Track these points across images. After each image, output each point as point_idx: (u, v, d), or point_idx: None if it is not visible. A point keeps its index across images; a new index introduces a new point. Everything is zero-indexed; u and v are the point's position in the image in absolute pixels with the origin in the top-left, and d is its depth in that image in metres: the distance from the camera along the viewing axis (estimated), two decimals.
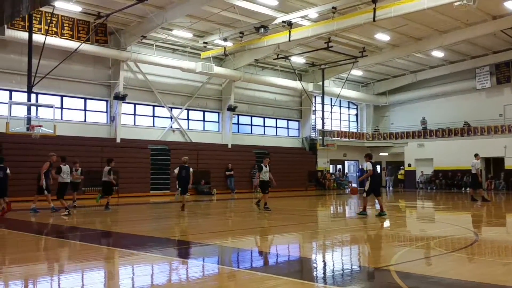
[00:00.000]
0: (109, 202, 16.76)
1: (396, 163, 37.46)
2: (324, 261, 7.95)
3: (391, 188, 35.50)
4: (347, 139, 37.63)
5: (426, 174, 35.52)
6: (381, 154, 39.64)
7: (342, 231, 11.83)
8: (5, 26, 20.07)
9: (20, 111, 20.13)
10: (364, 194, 14.38)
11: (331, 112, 36.53)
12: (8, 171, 15.19)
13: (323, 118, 34.23)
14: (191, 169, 16.27)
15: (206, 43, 26.90)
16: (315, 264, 7.66)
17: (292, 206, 20.17)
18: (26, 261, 7.68)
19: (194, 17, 23.38)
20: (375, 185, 14.15)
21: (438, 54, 31.01)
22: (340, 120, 39.63)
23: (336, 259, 8.14)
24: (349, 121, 40.62)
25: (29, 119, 19.69)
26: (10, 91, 22.70)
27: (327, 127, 35.42)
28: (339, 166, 39.27)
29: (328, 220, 15.41)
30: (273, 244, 9.69)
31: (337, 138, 35.72)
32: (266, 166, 16.93)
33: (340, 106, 39.40)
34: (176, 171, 16.33)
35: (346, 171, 39.69)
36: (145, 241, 10.08)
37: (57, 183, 15.81)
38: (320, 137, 33.86)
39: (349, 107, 40.72)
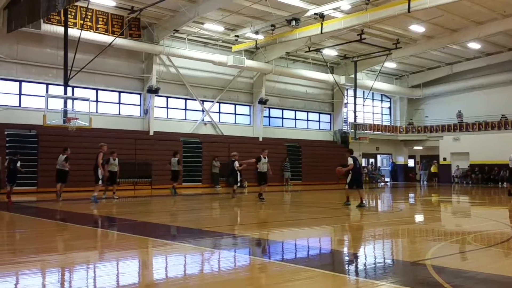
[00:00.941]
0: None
1: (431, 157, 36.75)
2: (356, 254, 7.88)
3: (425, 183, 34.87)
4: (380, 132, 37.14)
5: (462, 168, 34.73)
6: (415, 147, 39.00)
7: (375, 225, 11.70)
8: (41, 20, 20.58)
9: (56, 104, 20.62)
10: (346, 187, 15.18)
11: (363, 105, 36.08)
12: (18, 164, 16.17)
13: (355, 111, 33.85)
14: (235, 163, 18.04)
15: (237, 36, 26.93)
16: (347, 257, 7.59)
17: (323, 199, 20.06)
18: (64, 250, 7.89)
19: (226, 11, 23.42)
20: (356, 178, 15.08)
21: (474, 46, 30.17)
22: (373, 113, 39.11)
23: (368, 253, 8.05)
24: (382, 114, 40.05)
25: (65, 112, 20.17)
26: (47, 84, 23.28)
27: (359, 120, 35.01)
28: (371, 160, 38.81)
29: (360, 214, 15.26)
30: (305, 237, 9.66)
31: (369, 132, 35.27)
32: (265, 158, 17.35)
33: (372, 99, 38.87)
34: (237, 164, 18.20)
35: (378, 164, 39.21)
36: (178, 231, 10.21)
37: (106, 172, 16.88)
38: (352, 130, 33.51)
39: (382, 100, 40.13)
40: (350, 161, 14.91)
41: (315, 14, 23.09)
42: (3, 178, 17.24)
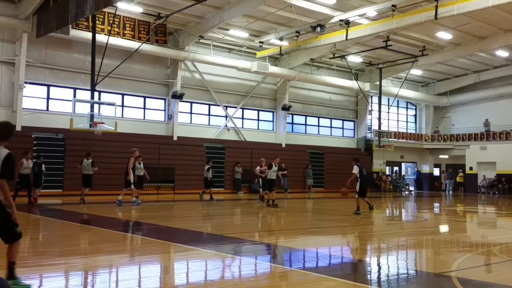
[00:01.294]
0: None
1: (457, 166, 36.10)
2: (379, 264, 7.77)
3: (450, 192, 34.26)
4: (404, 140, 36.67)
5: (488, 178, 34.01)
6: (440, 156, 38.38)
7: (399, 235, 11.53)
8: (70, 26, 20.96)
9: (83, 109, 20.97)
10: (356, 196, 15.16)
11: (388, 112, 35.70)
12: (43, 168, 16.81)
13: (379, 119, 33.52)
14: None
15: (262, 42, 27.00)
16: (369, 267, 7.49)
17: (346, 207, 19.87)
18: (88, 253, 8.00)
19: (251, 17, 23.52)
20: (364, 186, 15.19)
21: (502, 53, 29.58)
22: (398, 120, 38.66)
23: (391, 263, 7.93)
24: (407, 121, 39.56)
25: (92, 116, 20.48)
26: (74, 89, 23.70)
27: (383, 128, 34.65)
28: (395, 168, 38.33)
29: (383, 223, 15.07)
30: (327, 245, 9.58)
31: (394, 139, 34.86)
32: (276, 166, 17.73)
33: (397, 107, 38.45)
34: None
35: (403, 173, 38.70)
36: (200, 237, 10.24)
37: (135, 176, 17.35)
38: (376, 138, 33.17)
39: (407, 108, 39.66)
40: (355, 170, 15.03)
41: (340, 20, 23.00)
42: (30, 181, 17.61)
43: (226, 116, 29.11)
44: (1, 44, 21.63)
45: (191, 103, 27.87)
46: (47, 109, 23.15)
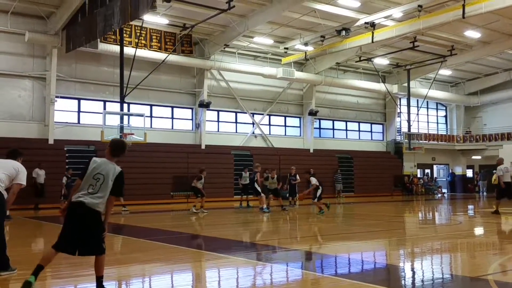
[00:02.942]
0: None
1: (491, 167, 35.18)
2: (413, 269, 7.62)
3: (484, 194, 33.41)
4: (435, 142, 36.01)
5: None
6: (473, 157, 37.53)
7: (432, 239, 11.29)
8: (98, 40, 21.41)
9: (113, 120, 21.33)
10: (316, 200, 17.13)
11: (417, 114, 35.15)
12: (63, 180, 17.20)
13: (409, 121, 33.03)
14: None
15: (286, 48, 27.03)
16: (403, 273, 7.36)
17: (377, 211, 19.62)
18: (121, 263, 8.10)
19: (275, 24, 23.58)
20: (321, 192, 17.35)
21: None
22: (428, 122, 38.02)
23: (426, 268, 7.77)
24: (437, 123, 38.87)
25: (121, 128, 20.83)
26: (104, 101, 24.16)
27: (413, 130, 34.10)
28: (427, 171, 37.66)
29: (416, 227, 14.80)
30: (359, 251, 9.46)
31: (424, 141, 34.26)
32: (273, 178, 19.26)
33: (427, 108, 37.83)
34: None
35: (435, 175, 37.98)
36: (230, 244, 10.25)
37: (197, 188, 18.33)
38: (406, 140, 32.67)
39: (437, 109, 38.98)
40: (314, 181, 16.99)
41: (365, 23, 22.84)
42: (64, 193, 18.11)
43: (253, 123, 29.17)
44: (32, 60, 22.25)
45: (218, 111, 28.04)
46: (79, 122, 23.65)
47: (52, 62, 21.90)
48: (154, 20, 22.84)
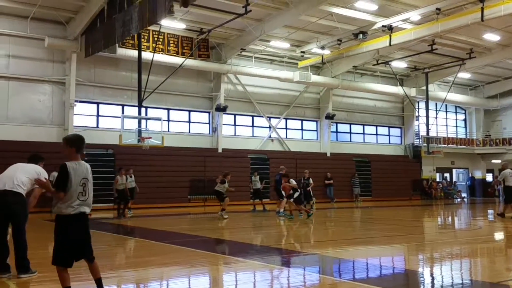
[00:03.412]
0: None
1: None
2: (432, 274, 7.54)
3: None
4: (454, 145, 35.58)
5: None
6: (493, 161, 36.92)
7: (452, 244, 11.15)
8: (117, 45, 21.65)
9: (131, 124, 21.52)
10: (291, 200, 16.88)
11: (436, 117, 34.79)
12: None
13: (427, 124, 32.70)
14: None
15: (303, 52, 27.00)
16: (422, 278, 7.28)
17: (396, 216, 19.44)
18: (139, 266, 8.16)
19: (292, 27, 23.58)
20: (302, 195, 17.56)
21: None
22: (447, 125, 37.59)
23: (445, 273, 7.67)
24: (456, 126, 38.40)
25: (139, 132, 21.00)
26: (123, 105, 24.40)
27: (432, 134, 33.76)
28: (446, 175, 37.22)
29: (436, 232, 14.63)
30: (377, 255, 9.38)
31: (443, 145, 33.88)
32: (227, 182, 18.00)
33: (446, 111, 37.40)
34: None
35: (454, 179, 37.51)
36: (247, 248, 10.26)
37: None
38: (425, 144, 32.34)
39: (456, 112, 38.52)
40: (294, 182, 16.94)
41: (383, 26, 22.71)
42: None
43: (269, 127, 29.17)
44: (51, 65, 22.57)
45: (235, 115, 28.11)
46: (97, 126, 23.91)
47: (71, 67, 22.20)
48: (172, 25, 23.02)
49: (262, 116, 28.73)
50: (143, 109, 22.61)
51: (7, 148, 19.51)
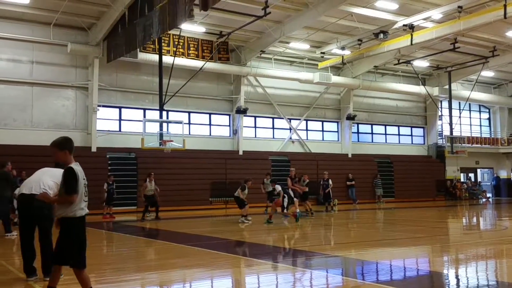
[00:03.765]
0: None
1: None
2: (457, 276, 7.42)
3: None
4: (479, 145, 34.96)
5: None
6: None
7: (477, 245, 10.97)
8: (138, 50, 21.89)
9: (153, 128, 21.72)
10: (285, 210, 16.25)
11: (459, 117, 34.26)
12: (105, 186, 18.08)
13: (451, 124, 32.24)
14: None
15: (323, 53, 26.89)
16: (447, 280, 7.18)
17: (420, 217, 19.21)
18: (163, 268, 8.23)
19: (311, 28, 23.50)
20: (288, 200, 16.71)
21: None
22: (471, 125, 36.98)
23: (470, 274, 7.55)
24: (480, 125, 37.74)
25: (161, 135, 21.17)
26: (144, 109, 24.65)
27: (455, 133, 33.24)
28: (470, 175, 36.61)
29: (460, 233, 14.41)
30: (401, 257, 9.28)
31: (467, 145, 33.32)
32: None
33: (469, 110, 36.80)
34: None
35: (479, 179, 36.88)
36: (269, 250, 10.25)
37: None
38: (448, 144, 31.88)
39: (480, 111, 37.87)
40: (280, 188, 16.35)
41: (404, 25, 22.47)
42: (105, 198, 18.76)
43: (290, 129, 29.12)
44: (75, 70, 22.94)
45: (255, 117, 28.14)
46: (120, 130, 24.19)
47: (94, 72, 22.52)
48: (192, 28, 23.17)
49: (283, 118, 28.70)
50: (164, 113, 22.80)
51: (33, 153, 19.88)
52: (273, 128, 28.89)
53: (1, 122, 21.18)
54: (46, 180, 6.81)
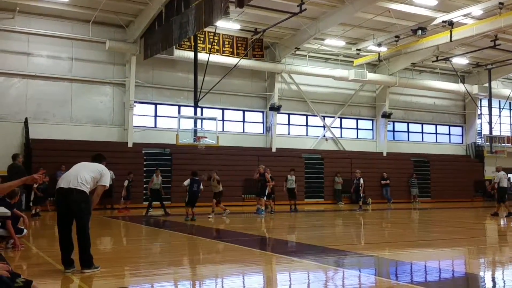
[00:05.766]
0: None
1: None
2: (494, 279, 7.22)
3: None
4: None
5: None
6: None
7: None
8: (174, 47, 22.16)
9: (187, 124, 21.97)
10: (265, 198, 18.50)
11: (499, 115, 33.26)
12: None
13: (490, 123, 31.34)
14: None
15: (359, 50, 26.54)
16: (483, 282, 6.99)
17: (457, 218, 18.77)
18: (195, 263, 8.32)
19: (347, 25, 23.25)
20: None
21: None
22: (511, 124, 35.83)
23: (507, 277, 7.33)
24: None
25: (195, 131, 21.40)
26: (179, 106, 24.95)
27: (495, 132, 32.30)
28: (510, 175, 35.47)
29: (498, 234, 14.00)
30: (436, 258, 9.09)
31: (507, 144, 32.31)
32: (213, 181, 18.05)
33: (510, 109, 35.66)
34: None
35: None
36: (301, 248, 10.22)
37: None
38: (488, 143, 31.00)
39: None
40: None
41: (443, 21, 21.97)
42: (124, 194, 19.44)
43: (324, 126, 28.92)
44: (112, 67, 23.42)
45: (289, 114, 28.07)
46: (155, 126, 24.57)
47: (131, 69, 22.94)
48: (227, 25, 23.29)
49: (316, 115, 28.52)
50: (198, 109, 23.02)
51: (71, 148, 20.44)
52: (306, 125, 28.76)
53: (41, 117, 21.84)
54: (83, 174, 6.98)
